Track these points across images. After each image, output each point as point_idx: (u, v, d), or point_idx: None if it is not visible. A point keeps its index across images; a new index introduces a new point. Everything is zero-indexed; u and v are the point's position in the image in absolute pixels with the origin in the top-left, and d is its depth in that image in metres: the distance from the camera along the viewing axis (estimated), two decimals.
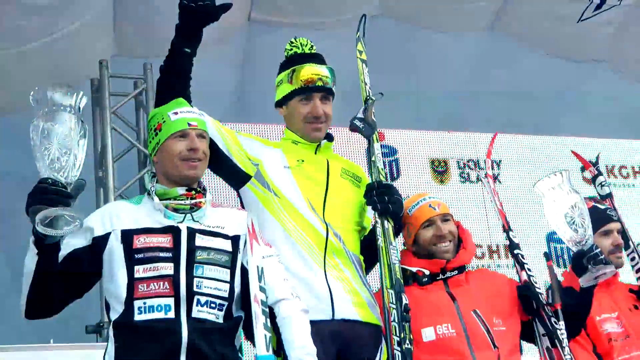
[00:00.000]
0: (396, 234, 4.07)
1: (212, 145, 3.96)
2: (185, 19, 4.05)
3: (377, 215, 4.01)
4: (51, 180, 3.23)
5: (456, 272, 4.23)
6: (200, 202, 3.71)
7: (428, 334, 4.03)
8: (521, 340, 4.31)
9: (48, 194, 3.20)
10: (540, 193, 4.27)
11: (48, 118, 3.28)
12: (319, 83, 4.16)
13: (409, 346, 3.74)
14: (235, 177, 4.12)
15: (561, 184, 4.23)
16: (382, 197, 4.00)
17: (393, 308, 3.81)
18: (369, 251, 4.11)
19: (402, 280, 3.90)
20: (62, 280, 3.52)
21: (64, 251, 3.53)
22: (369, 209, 4.13)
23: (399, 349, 3.72)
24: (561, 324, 4.10)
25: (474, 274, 4.39)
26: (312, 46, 4.30)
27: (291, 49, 4.29)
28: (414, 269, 4.21)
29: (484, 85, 9.47)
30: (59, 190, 3.23)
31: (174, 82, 4.03)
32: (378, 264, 4.00)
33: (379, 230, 3.99)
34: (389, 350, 3.76)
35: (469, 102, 9.42)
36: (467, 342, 4.03)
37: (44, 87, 3.31)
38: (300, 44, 4.29)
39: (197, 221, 3.68)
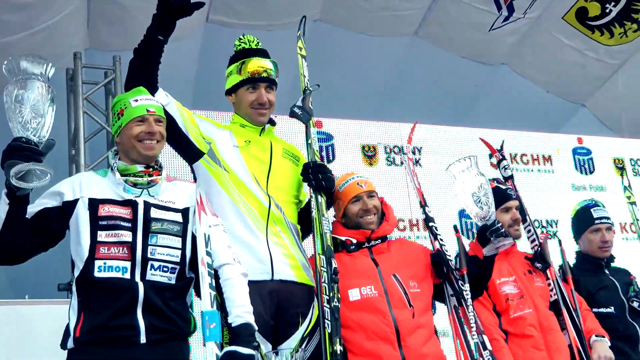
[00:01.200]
0: (328, 207, 4.13)
1: (173, 123, 4.00)
2: (162, 11, 4.03)
3: (312, 191, 4.06)
4: (25, 139, 3.26)
5: (379, 241, 4.29)
6: (156, 179, 3.76)
7: (354, 294, 4.06)
8: (433, 300, 4.35)
9: (22, 151, 3.23)
10: (452, 175, 4.31)
11: (21, 85, 3.30)
12: (264, 74, 4.21)
13: (337, 304, 3.82)
14: (190, 153, 4.13)
15: (470, 167, 4.29)
16: (316, 174, 4.07)
17: (324, 271, 3.88)
18: (305, 221, 4.17)
19: (332, 247, 3.97)
20: (30, 232, 3.51)
21: (37, 208, 3.56)
22: (305, 184, 4.15)
23: (328, 306, 3.79)
24: (466, 287, 4.16)
25: (395, 243, 4.44)
26: (258, 42, 4.35)
27: (240, 45, 4.33)
28: (343, 238, 4.26)
29: (409, 82, 9.54)
30: (32, 148, 3.26)
31: (146, 65, 4.02)
32: (312, 232, 4.04)
33: (313, 203, 4.06)
34: (319, 307, 3.84)
35: (395, 97, 9.48)
36: (387, 301, 4.08)
37: (16, 58, 3.32)
38: (248, 40, 4.33)
39: (153, 196, 3.73)
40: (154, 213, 3.67)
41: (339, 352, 3.73)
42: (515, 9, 9.10)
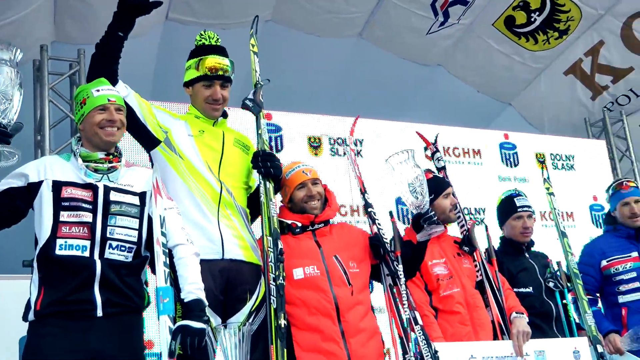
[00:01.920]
0: (275, 193, 4.13)
1: (132, 113, 3.98)
2: (122, 9, 3.99)
3: (261, 177, 4.06)
4: None
5: (322, 225, 4.31)
6: (116, 165, 3.75)
7: (298, 273, 4.08)
8: (371, 280, 4.37)
9: None
10: (390, 166, 4.32)
11: None
12: (220, 72, 4.20)
13: (282, 282, 3.84)
14: (148, 141, 4.11)
15: (407, 159, 4.31)
16: (265, 163, 4.08)
17: (270, 251, 3.89)
18: (254, 205, 4.18)
19: (278, 230, 3.98)
20: None
21: (2, 187, 3.56)
22: (254, 171, 4.15)
23: (274, 283, 3.80)
24: (400, 267, 4.17)
25: (337, 226, 4.46)
26: (217, 39, 4.32)
27: (200, 40, 4.30)
28: (289, 222, 4.27)
29: (353, 80, 9.56)
30: (0, 130, 3.24)
31: (107, 59, 3.98)
32: (260, 215, 4.05)
33: (262, 189, 4.06)
34: (266, 284, 3.83)
35: (340, 93, 9.48)
36: (328, 280, 4.10)
37: None
38: (208, 36, 4.30)
39: (112, 181, 3.72)
40: (114, 196, 3.67)
41: (283, 326, 3.75)
42: (450, 15, 9.16)
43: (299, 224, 4.27)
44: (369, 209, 4.54)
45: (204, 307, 3.64)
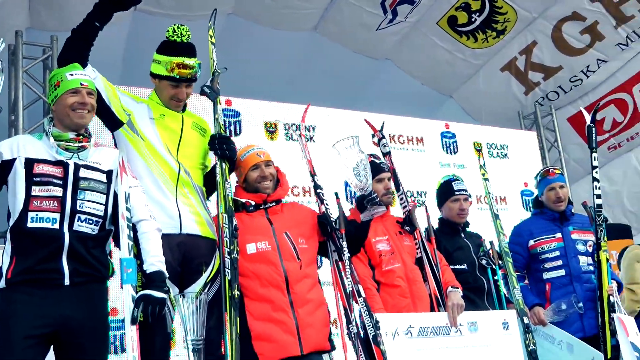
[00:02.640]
0: (230, 173, 4.11)
1: (99, 95, 3.92)
2: (105, 2, 3.98)
3: (217, 158, 4.04)
4: None
5: (274, 203, 4.31)
6: (85, 145, 3.73)
7: (251, 248, 4.07)
8: (319, 255, 4.39)
9: None
10: (337, 151, 4.34)
11: None
12: (188, 76, 4.15)
13: (236, 256, 3.84)
14: (112, 122, 4.07)
15: (352, 145, 4.34)
16: (221, 145, 4.06)
17: (226, 227, 3.89)
18: (210, 183, 4.17)
19: (233, 208, 3.99)
20: None
21: None
22: (211, 152, 4.14)
23: (228, 257, 3.81)
24: (345, 244, 4.19)
25: (288, 205, 4.46)
26: (189, 36, 4.22)
27: (172, 35, 4.20)
28: (243, 200, 4.27)
29: (308, 71, 9.54)
30: None
31: (81, 44, 3.95)
32: (216, 193, 4.03)
33: (218, 169, 4.03)
34: (221, 258, 3.84)
35: (296, 83, 9.45)
36: (279, 254, 4.12)
37: None
38: (181, 33, 4.20)
39: (82, 159, 3.70)
40: (83, 173, 3.66)
41: (236, 296, 3.76)
42: (399, 13, 9.19)
43: (253, 203, 4.26)
44: (318, 190, 4.54)
45: (164, 278, 3.65)
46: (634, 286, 5.83)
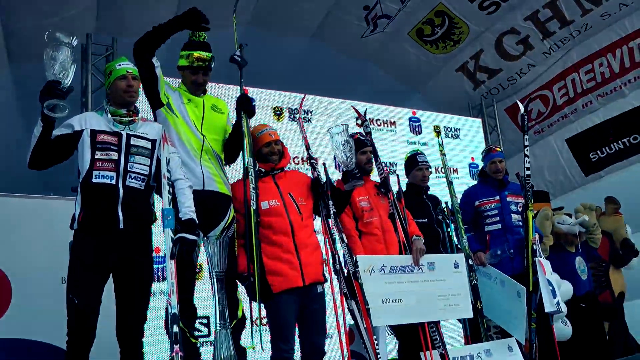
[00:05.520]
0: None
1: (155, 80, 3.94)
2: (185, 24, 3.99)
3: (243, 113, 4.06)
4: (55, 82, 3.24)
5: (279, 171, 4.22)
6: (134, 119, 3.72)
7: (264, 205, 4.00)
8: (314, 211, 4.32)
9: (53, 89, 3.22)
10: (330, 134, 4.28)
11: (55, 48, 3.28)
12: (204, 64, 4.10)
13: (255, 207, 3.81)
14: (156, 102, 4.00)
15: (342, 131, 4.25)
16: (247, 103, 4.08)
17: (250, 168, 4.00)
18: (234, 143, 4.18)
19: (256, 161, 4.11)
20: (52, 148, 3.49)
21: (57, 133, 3.51)
22: (229, 122, 4.24)
23: (253, 191, 3.89)
24: (331, 202, 4.19)
25: (290, 172, 4.40)
26: (205, 37, 4.16)
27: (193, 37, 4.15)
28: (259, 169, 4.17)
29: (309, 68, 9.34)
30: (60, 88, 3.24)
31: (157, 41, 3.93)
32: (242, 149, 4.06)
33: (243, 122, 4.10)
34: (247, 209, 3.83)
35: (298, 77, 9.25)
36: (285, 209, 4.03)
37: (54, 31, 3.31)
38: (199, 34, 4.14)
39: (132, 130, 3.68)
40: (133, 141, 3.66)
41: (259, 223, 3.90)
42: (378, 25, 9.04)
43: (263, 170, 4.20)
44: (311, 160, 4.47)
45: (195, 224, 3.61)
46: (543, 238, 5.86)
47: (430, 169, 5.58)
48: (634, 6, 8.57)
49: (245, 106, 4.08)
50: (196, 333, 4.08)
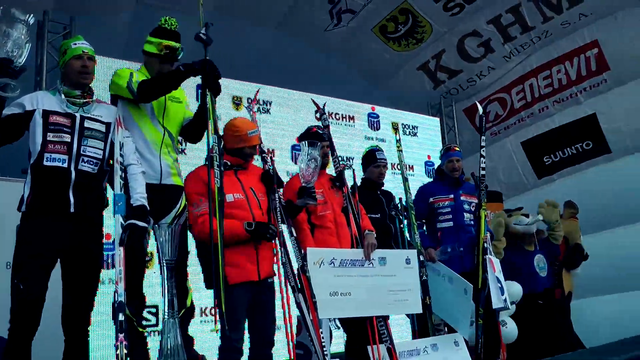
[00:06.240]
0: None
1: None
2: (199, 74, 3.92)
3: (211, 95, 3.94)
4: (7, 60, 3.14)
5: (243, 167, 4.23)
6: (88, 101, 3.64)
7: (229, 197, 3.96)
8: None
9: (5, 68, 3.13)
10: (302, 144, 4.32)
11: (9, 25, 3.19)
12: (171, 55, 4.04)
13: (222, 168, 3.87)
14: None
15: (314, 148, 4.29)
16: (216, 81, 3.95)
17: (215, 145, 3.89)
18: (199, 123, 4.11)
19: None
20: (2, 128, 3.41)
21: (6, 112, 3.43)
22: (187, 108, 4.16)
23: (218, 169, 3.84)
24: (277, 196, 4.23)
25: (250, 167, 4.35)
26: (176, 25, 4.10)
27: (164, 23, 4.07)
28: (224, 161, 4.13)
29: (271, 59, 9.26)
30: (12, 67, 3.16)
31: (169, 88, 3.95)
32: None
33: (208, 100, 3.95)
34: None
35: (260, 67, 9.18)
36: (248, 204, 4.04)
37: (8, 7, 3.21)
38: (171, 23, 4.07)
39: (86, 112, 3.60)
40: (87, 124, 3.59)
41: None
42: (342, 20, 9.05)
43: (229, 163, 4.17)
44: (263, 154, 4.48)
45: (146, 211, 3.57)
46: (495, 242, 5.96)
47: (387, 166, 5.63)
48: (592, 17, 8.77)
49: (212, 84, 3.96)
50: (144, 322, 4.04)
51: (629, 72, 8.69)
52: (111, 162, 3.64)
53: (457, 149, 6.00)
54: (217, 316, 3.58)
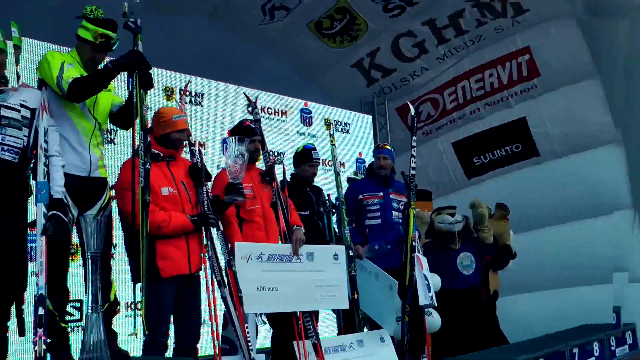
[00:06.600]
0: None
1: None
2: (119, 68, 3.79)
3: (139, 90, 3.88)
4: None
5: (174, 159, 4.24)
6: (3, 89, 3.54)
7: (164, 191, 4.01)
8: None
9: None
10: (230, 140, 4.33)
11: None
12: (107, 44, 3.94)
13: (149, 167, 3.87)
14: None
15: (241, 144, 4.27)
16: (146, 76, 3.89)
17: (142, 142, 3.89)
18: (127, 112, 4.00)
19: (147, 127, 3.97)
20: None
21: None
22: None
23: (142, 167, 3.81)
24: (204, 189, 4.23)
25: (180, 160, 4.35)
26: (103, 14, 4.00)
27: (90, 14, 3.96)
28: (155, 151, 4.16)
29: (206, 50, 9.15)
30: None
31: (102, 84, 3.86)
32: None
33: (136, 93, 3.89)
34: (133, 169, 3.80)
35: (193, 58, 9.07)
36: (180, 198, 4.08)
37: None
38: (96, 14, 3.96)
39: (2, 101, 3.50)
40: (4, 112, 3.49)
41: (148, 201, 3.82)
42: (276, 16, 9.07)
43: (161, 154, 4.17)
44: (191, 147, 4.48)
45: (64, 205, 3.52)
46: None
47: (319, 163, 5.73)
48: (525, 24, 9.13)
49: (142, 79, 3.88)
50: (67, 317, 3.99)
51: (558, 79, 9.13)
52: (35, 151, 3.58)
53: (387, 147, 6.13)
54: (142, 312, 3.60)
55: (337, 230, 5.69)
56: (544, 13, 8.95)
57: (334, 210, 5.58)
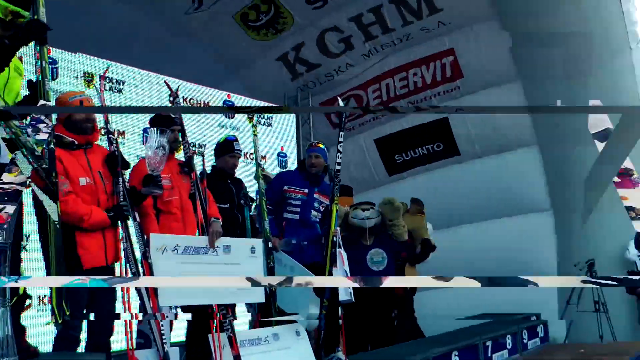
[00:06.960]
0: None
1: None
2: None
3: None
4: None
5: (90, 145, 4.19)
6: None
7: (82, 181, 3.98)
8: None
9: None
10: (150, 130, 4.35)
11: None
12: (16, 22, 3.74)
13: (52, 147, 3.67)
14: None
15: (161, 136, 4.22)
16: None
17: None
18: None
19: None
20: None
21: None
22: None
23: (46, 147, 3.61)
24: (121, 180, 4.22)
25: (96, 148, 4.33)
26: None
27: None
28: (70, 139, 4.11)
29: (129, 37, 8.99)
30: None
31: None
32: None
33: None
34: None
35: (114, 44, 8.86)
36: (95, 188, 4.06)
37: None
38: None
39: None
40: None
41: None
42: (204, 3, 9.03)
43: (76, 142, 4.11)
44: (109, 135, 4.41)
45: None
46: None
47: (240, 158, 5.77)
48: (451, 26, 9.41)
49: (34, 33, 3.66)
50: None
51: (480, 82, 9.46)
52: None
53: (320, 145, 6.21)
54: (54, 305, 3.56)
55: (257, 221, 5.72)
56: (461, 14, 9.22)
57: (255, 202, 5.63)
